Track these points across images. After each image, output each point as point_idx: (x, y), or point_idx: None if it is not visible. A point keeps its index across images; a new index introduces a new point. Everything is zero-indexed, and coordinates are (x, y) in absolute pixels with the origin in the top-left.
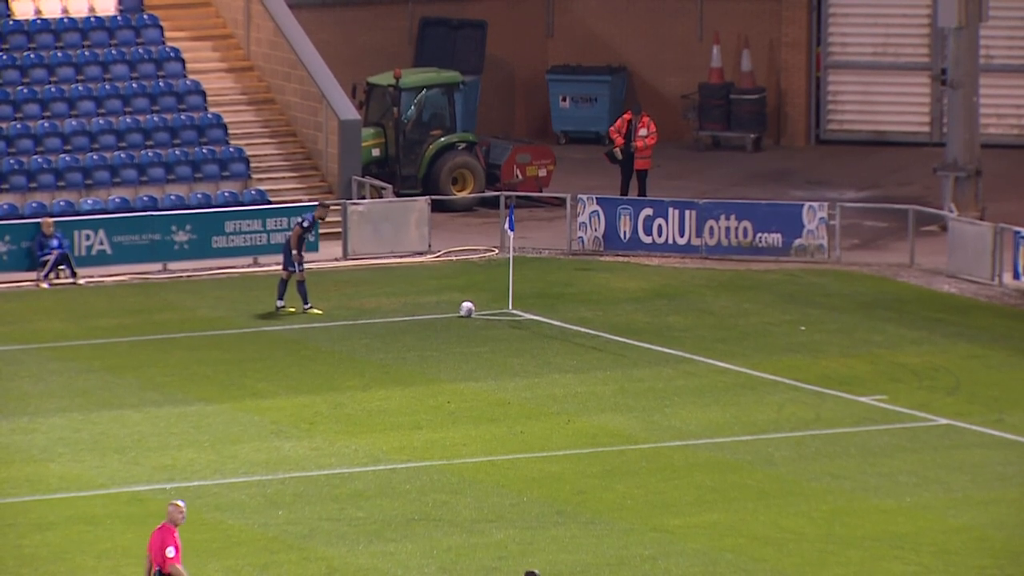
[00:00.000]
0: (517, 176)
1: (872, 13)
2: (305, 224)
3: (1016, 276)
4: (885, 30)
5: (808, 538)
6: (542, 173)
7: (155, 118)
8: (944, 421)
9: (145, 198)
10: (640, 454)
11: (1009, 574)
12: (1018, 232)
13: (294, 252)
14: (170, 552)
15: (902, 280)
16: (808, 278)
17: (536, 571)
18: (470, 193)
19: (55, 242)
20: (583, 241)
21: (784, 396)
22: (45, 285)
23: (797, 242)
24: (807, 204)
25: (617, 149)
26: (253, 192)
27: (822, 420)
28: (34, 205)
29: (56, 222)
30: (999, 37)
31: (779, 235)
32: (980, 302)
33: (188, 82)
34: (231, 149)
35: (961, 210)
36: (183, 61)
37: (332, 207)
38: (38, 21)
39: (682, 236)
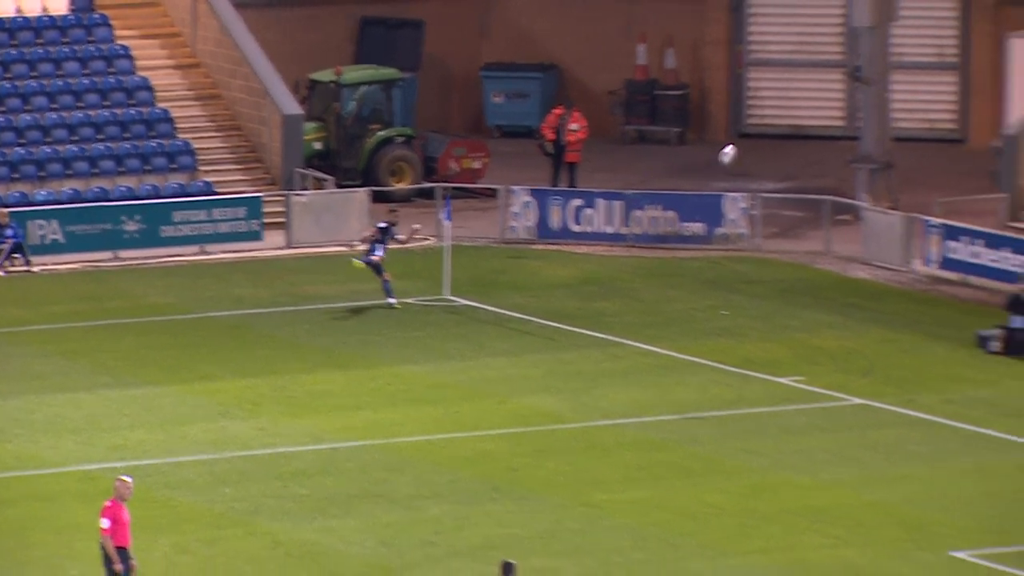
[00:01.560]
0: (453, 168)
1: (789, 13)
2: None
3: (926, 263)
4: (802, 29)
5: (730, 512)
6: (477, 166)
7: (106, 113)
8: (859, 401)
9: (96, 189)
10: (570, 433)
11: (920, 546)
12: (928, 221)
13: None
14: (104, 524)
15: (819, 267)
16: (730, 265)
17: (513, 562)
18: (408, 185)
19: (10, 231)
20: (516, 230)
21: (707, 377)
22: (1, 273)
23: (719, 231)
24: (728, 195)
25: (549, 143)
26: (200, 183)
27: (743, 400)
28: None
29: (10, 212)
30: (909, 36)
31: (702, 224)
32: (892, 288)
33: (137, 78)
34: (179, 142)
35: (874, 200)
36: (132, 58)
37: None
38: None
39: (610, 225)
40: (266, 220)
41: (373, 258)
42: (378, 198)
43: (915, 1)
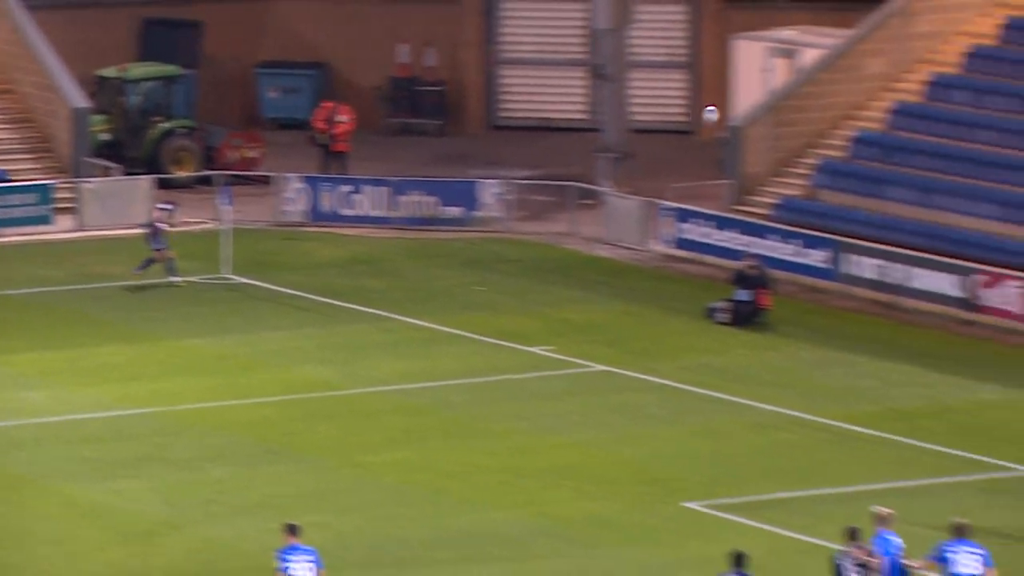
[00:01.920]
0: (232, 157)
1: (537, 16)
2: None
3: (662, 243)
4: (548, 31)
5: (489, 471)
6: (253, 155)
7: None
8: (603, 368)
9: None
10: (340, 400)
11: (658, 499)
12: (662, 205)
13: None
14: None
15: (565, 247)
16: (485, 246)
17: (297, 524)
18: (190, 173)
19: None
20: (290, 214)
21: (466, 348)
22: None
23: (476, 214)
24: (484, 181)
25: (319, 134)
26: None
27: (499, 368)
28: None
29: None
30: (644, 37)
31: (460, 208)
32: (632, 266)
33: None
34: None
35: (615, 186)
36: None
37: None
38: None
39: (377, 210)
40: (57, 205)
41: (155, 255)
42: (162, 185)
43: (650, 5)
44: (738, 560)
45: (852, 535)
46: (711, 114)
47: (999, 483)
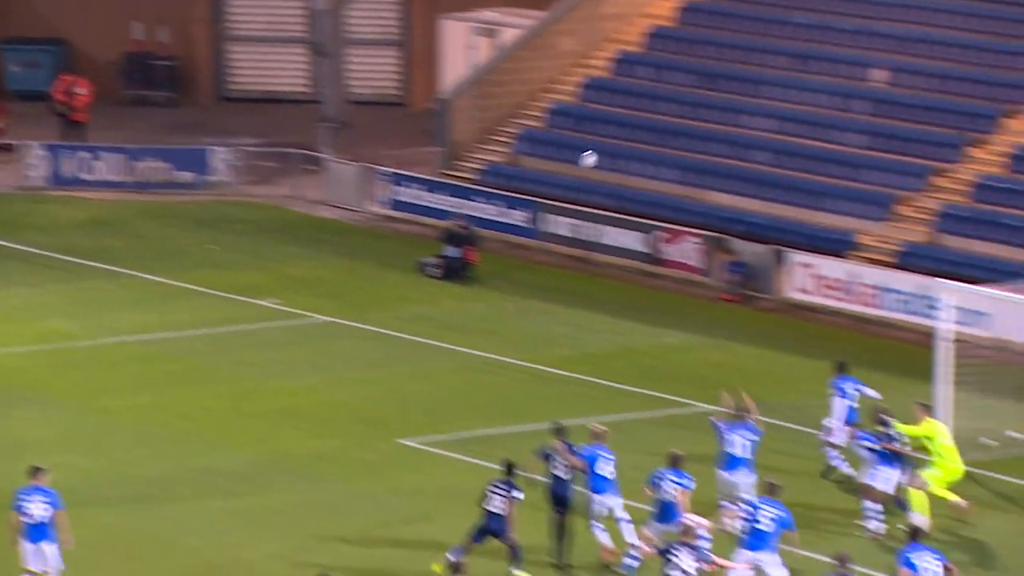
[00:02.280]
0: None
1: None
2: None
3: (379, 205)
4: (272, 10)
5: (224, 413)
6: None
7: None
8: (327, 319)
9: None
10: (84, 350)
11: (376, 437)
12: (379, 170)
13: None
14: None
15: (291, 209)
16: (216, 208)
17: (42, 467)
18: None
19: None
20: (33, 179)
21: (199, 302)
22: None
23: (207, 179)
24: (214, 149)
25: (60, 105)
26: None
27: (231, 320)
28: None
29: None
30: (361, 16)
31: (193, 173)
32: (351, 226)
33: None
34: None
35: (335, 153)
36: None
37: None
38: None
39: (115, 175)
40: None
41: None
42: None
43: None
44: (674, 460)
45: (559, 431)
46: (590, 157)
47: (679, 418)
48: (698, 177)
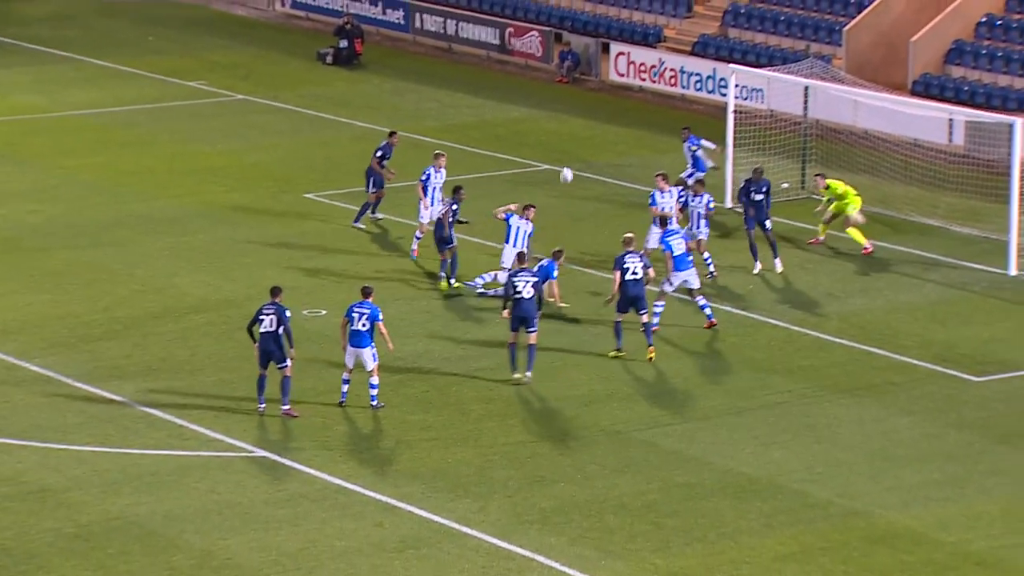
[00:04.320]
0: None
1: None
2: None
3: (283, 5)
4: None
5: (158, 171)
6: None
7: None
8: (241, 97)
9: None
10: (48, 120)
11: (285, 191)
12: None
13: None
14: None
15: (213, 8)
16: (154, 7)
17: None
18: None
19: None
20: None
21: (141, 82)
22: None
23: None
24: None
25: None
26: None
27: (166, 97)
28: None
29: None
30: None
31: None
32: (262, 21)
33: None
34: None
35: None
36: None
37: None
38: None
39: None
40: None
41: None
42: None
43: None
44: (663, 221)
45: (455, 191)
46: (567, 173)
47: (522, 175)
48: None
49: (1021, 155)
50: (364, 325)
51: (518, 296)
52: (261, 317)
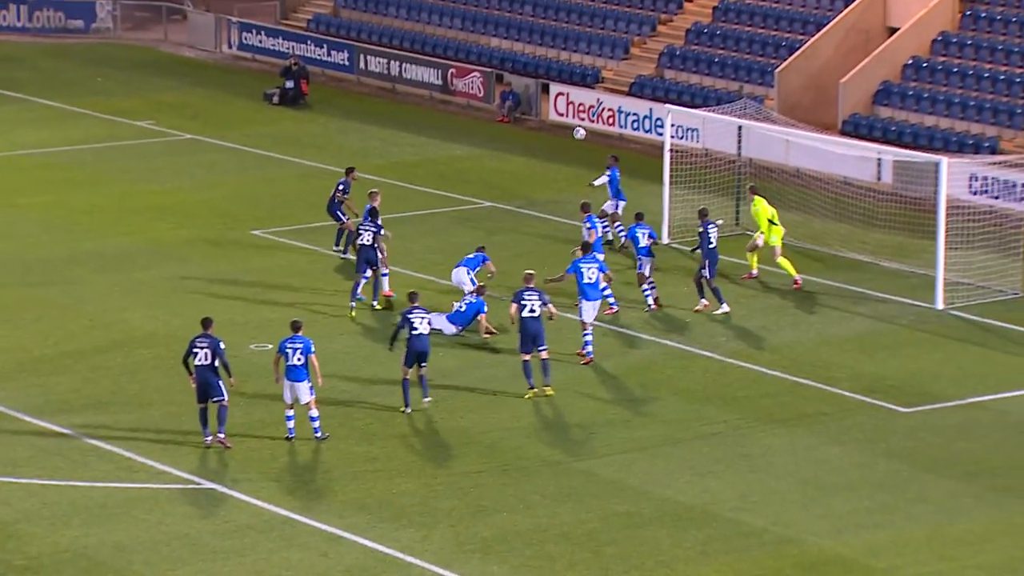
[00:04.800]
0: None
1: None
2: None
3: (230, 47)
4: None
5: (108, 210)
6: None
7: None
8: (189, 136)
9: None
10: (0, 159)
11: (231, 228)
12: (230, 19)
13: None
14: None
15: (161, 50)
16: (102, 49)
17: None
18: None
19: None
20: None
21: (89, 122)
22: None
23: (94, 25)
24: (100, 1)
25: None
26: None
27: (114, 137)
28: None
29: None
30: None
31: (82, 21)
32: (210, 63)
33: None
34: None
35: (195, 6)
36: None
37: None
38: None
39: (20, 22)
40: None
41: None
42: None
43: None
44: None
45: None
46: (578, 133)
47: (464, 212)
48: (479, 26)
49: (947, 193)
50: (299, 359)
51: (415, 332)
52: (195, 350)
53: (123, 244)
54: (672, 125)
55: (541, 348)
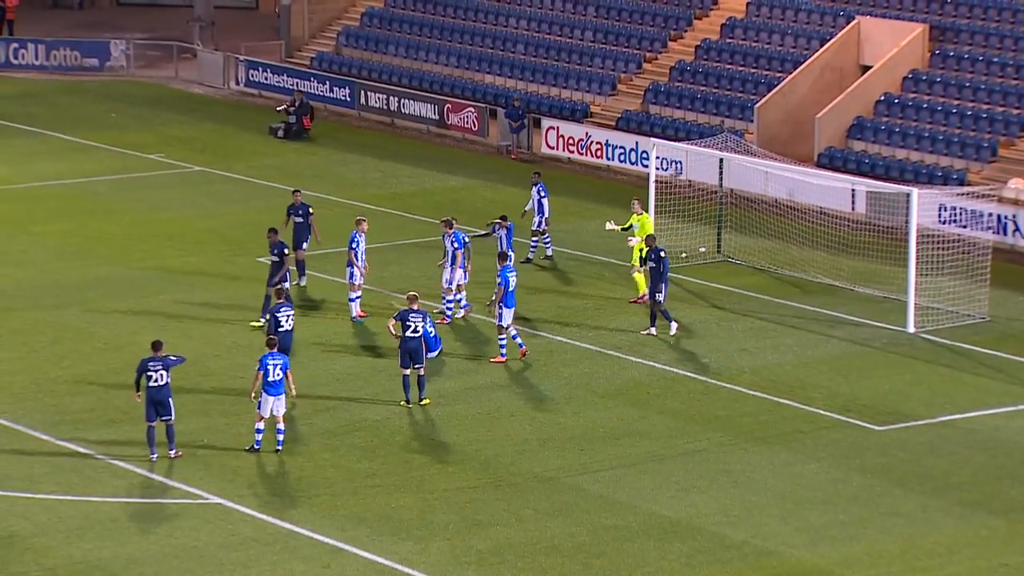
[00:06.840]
0: None
1: None
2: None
3: (237, 84)
4: None
5: (119, 237)
6: None
7: None
8: (199, 168)
9: None
10: (15, 190)
11: (237, 254)
12: (238, 57)
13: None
14: None
15: (171, 87)
16: (115, 86)
17: None
18: None
19: None
20: None
21: (103, 155)
22: None
23: (108, 64)
24: (113, 41)
25: None
26: None
27: (126, 169)
28: None
29: None
30: None
31: (96, 60)
32: (218, 99)
33: None
34: None
35: (204, 45)
36: None
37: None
38: None
39: (37, 60)
40: None
41: None
42: None
43: None
44: (503, 258)
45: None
46: (610, 225)
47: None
48: (474, 64)
49: (917, 222)
50: (278, 375)
51: (281, 329)
52: (149, 372)
53: (134, 270)
54: (657, 157)
55: (418, 365)
